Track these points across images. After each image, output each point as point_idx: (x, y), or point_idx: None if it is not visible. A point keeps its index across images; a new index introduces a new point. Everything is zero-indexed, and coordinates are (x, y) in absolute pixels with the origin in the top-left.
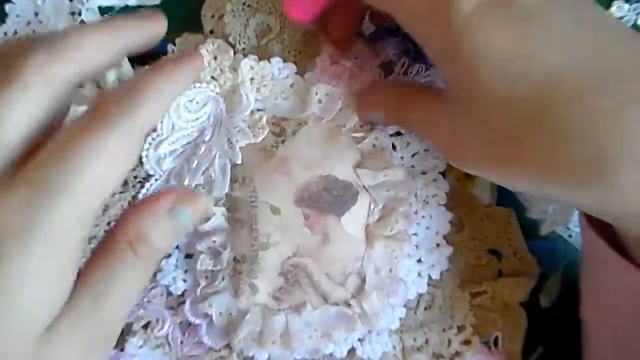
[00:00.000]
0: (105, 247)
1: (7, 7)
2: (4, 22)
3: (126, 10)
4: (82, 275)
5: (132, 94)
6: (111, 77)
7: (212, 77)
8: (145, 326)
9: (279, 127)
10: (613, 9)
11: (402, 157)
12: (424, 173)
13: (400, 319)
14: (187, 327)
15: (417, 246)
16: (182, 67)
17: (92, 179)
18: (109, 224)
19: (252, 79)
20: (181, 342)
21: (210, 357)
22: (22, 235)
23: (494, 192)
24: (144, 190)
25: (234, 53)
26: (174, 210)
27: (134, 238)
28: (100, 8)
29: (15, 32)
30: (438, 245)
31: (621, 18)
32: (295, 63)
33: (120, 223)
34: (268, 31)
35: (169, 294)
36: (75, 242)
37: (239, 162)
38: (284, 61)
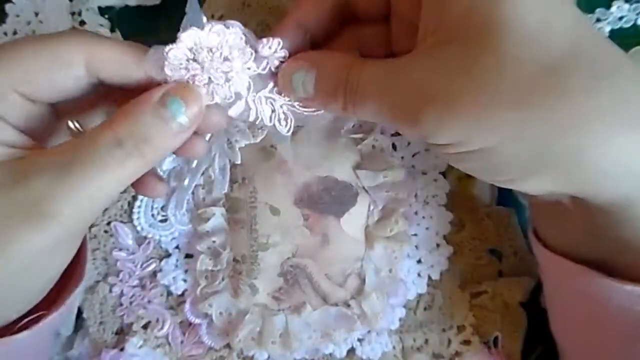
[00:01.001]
0: (89, 139)
1: (7, 7)
2: (4, 22)
3: (126, 10)
4: (48, 149)
5: None
6: None
7: None
8: (145, 326)
9: None
10: (613, 8)
11: (402, 157)
12: (424, 173)
13: (400, 319)
14: (187, 327)
15: (417, 247)
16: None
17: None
18: (108, 224)
19: None
20: (181, 342)
21: (210, 356)
22: None
23: (494, 192)
24: None
25: None
26: (165, 100)
27: (121, 130)
28: (100, 8)
29: (15, 32)
30: (438, 245)
31: (621, 18)
32: None
33: (110, 118)
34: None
35: (169, 294)
36: None
37: (239, 162)
38: None
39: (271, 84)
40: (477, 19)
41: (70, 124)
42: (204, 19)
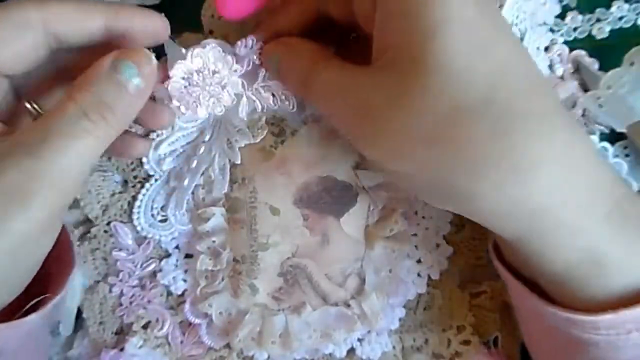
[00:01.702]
0: (55, 115)
1: None
2: None
3: None
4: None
5: None
6: None
7: None
8: (145, 326)
9: (279, 128)
10: (613, 9)
11: None
12: None
13: (400, 319)
14: (187, 327)
15: (416, 247)
16: None
17: None
18: (108, 223)
19: None
20: (181, 342)
21: (210, 356)
22: None
23: None
24: (143, 190)
25: None
26: (116, 65)
27: (83, 101)
28: None
29: None
30: (438, 245)
31: (621, 18)
32: None
33: (67, 92)
34: None
35: (169, 294)
36: None
37: (238, 162)
38: None
39: (262, 74)
40: (412, 51)
41: (27, 105)
42: (183, 50)
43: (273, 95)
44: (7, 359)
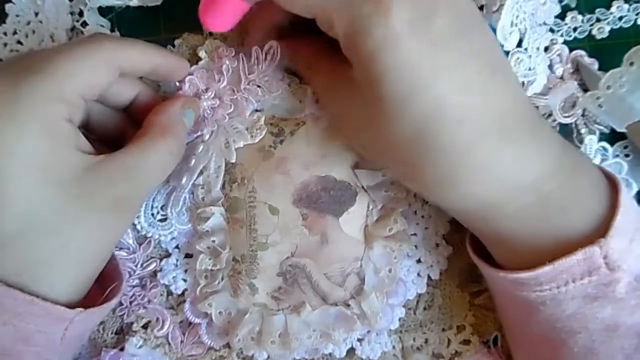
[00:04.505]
0: (137, 136)
1: (7, 7)
2: (4, 22)
3: (127, 10)
4: (114, 154)
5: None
6: None
7: None
8: (145, 326)
9: (278, 128)
10: (613, 9)
11: None
12: None
13: (400, 319)
14: (187, 326)
15: (416, 246)
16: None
17: (65, 65)
18: None
19: None
20: (181, 342)
21: (210, 356)
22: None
23: None
24: None
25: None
26: (183, 109)
27: (172, 142)
28: (100, 8)
29: (15, 32)
30: (437, 245)
31: (621, 18)
32: None
33: (148, 118)
34: None
35: (169, 293)
36: (58, 116)
37: (233, 161)
38: None
39: (243, 73)
40: (368, 90)
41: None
42: (177, 83)
43: (259, 86)
44: (82, 343)
